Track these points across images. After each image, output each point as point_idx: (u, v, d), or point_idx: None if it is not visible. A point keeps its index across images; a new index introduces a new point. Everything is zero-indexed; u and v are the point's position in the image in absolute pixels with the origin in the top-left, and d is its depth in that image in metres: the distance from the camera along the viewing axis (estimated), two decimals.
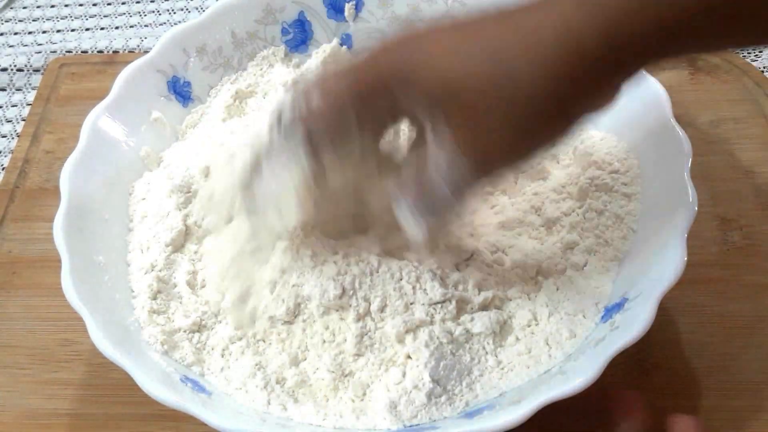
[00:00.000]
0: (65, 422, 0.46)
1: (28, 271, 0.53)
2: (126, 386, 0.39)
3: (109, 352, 0.39)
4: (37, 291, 0.51)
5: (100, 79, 0.64)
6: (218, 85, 0.56)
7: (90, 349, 0.41)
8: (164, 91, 0.54)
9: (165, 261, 0.46)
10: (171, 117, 0.53)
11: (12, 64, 0.68)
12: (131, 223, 0.49)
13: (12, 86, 0.67)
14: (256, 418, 0.40)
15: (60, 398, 0.47)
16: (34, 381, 0.48)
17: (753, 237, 0.51)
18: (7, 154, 0.61)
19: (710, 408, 0.44)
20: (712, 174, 0.53)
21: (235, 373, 0.42)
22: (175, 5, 0.74)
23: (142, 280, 0.45)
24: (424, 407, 0.40)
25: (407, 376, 0.40)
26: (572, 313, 0.43)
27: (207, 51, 0.55)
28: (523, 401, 0.38)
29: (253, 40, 0.57)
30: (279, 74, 0.56)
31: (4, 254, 0.54)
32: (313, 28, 0.58)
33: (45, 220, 0.53)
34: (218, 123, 0.53)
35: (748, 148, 0.55)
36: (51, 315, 0.50)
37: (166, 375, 0.40)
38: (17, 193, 0.57)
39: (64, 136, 0.60)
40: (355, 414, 0.40)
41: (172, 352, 0.43)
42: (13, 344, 0.49)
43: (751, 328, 0.47)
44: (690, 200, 0.42)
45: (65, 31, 0.72)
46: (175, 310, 0.45)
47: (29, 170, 0.59)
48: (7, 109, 0.65)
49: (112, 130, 0.50)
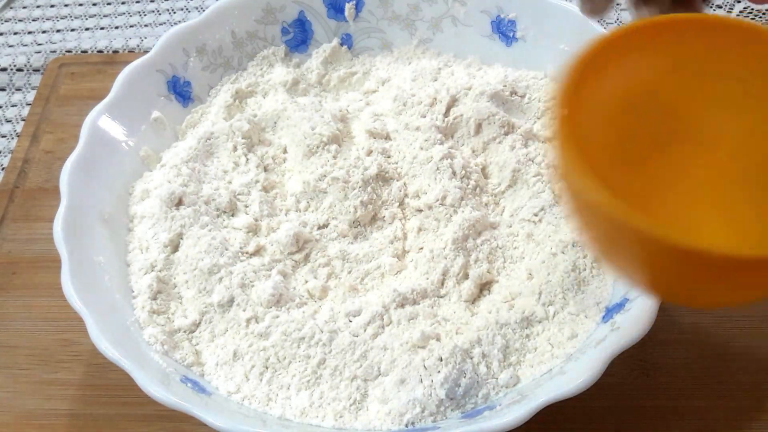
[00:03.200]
0: (65, 423, 0.46)
1: (28, 271, 0.53)
2: (126, 386, 0.39)
3: (109, 352, 0.39)
4: (37, 291, 0.51)
5: (100, 78, 0.64)
6: (218, 85, 0.56)
7: (90, 349, 0.41)
8: (164, 90, 0.54)
9: (165, 261, 0.46)
10: (171, 117, 0.53)
11: (12, 64, 0.68)
12: (131, 223, 0.49)
13: (12, 86, 0.67)
14: (256, 418, 0.40)
15: (59, 398, 0.47)
16: (34, 381, 0.47)
17: None
18: (7, 154, 0.61)
19: (709, 408, 0.44)
20: None
21: (236, 371, 0.42)
22: (174, 5, 0.73)
23: (142, 280, 0.45)
24: (431, 416, 0.40)
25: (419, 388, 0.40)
26: (574, 313, 0.43)
27: (207, 51, 0.55)
28: (523, 401, 0.38)
29: (253, 40, 0.57)
30: (279, 74, 0.56)
31: (4, 254, 0.54)
32: (313, 27, 0.58)
33: (45, 220, 0.53)
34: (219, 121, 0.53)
35: None
36: (51, 315, 0.50)
37: (166, 375, 0.40)
38: (17, 193, 0.57)
39: (63, 136, 0.60)
40: (355, 413, 0.40)
41: (172, 352, 0.43)
42: (12, 345, 0.49)
43: (751, 328, 0.47)
44: None
45: (65, 31, 0.72)
46: (175, 310, 0.45)
47: (29, 170, 0.59)
48: (7, 109, 0.65)
49: (112, 129, 0.50)
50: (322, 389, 0.41)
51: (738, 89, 0.33)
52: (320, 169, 0.49)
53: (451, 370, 0.40)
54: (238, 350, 0.42)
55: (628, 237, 0.29)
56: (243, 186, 0.50)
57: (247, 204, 0.49)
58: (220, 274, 0.45)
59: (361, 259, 0.46)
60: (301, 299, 0.45)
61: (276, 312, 0.43)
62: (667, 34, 0.33)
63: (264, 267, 0.46)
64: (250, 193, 0.49)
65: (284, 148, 0.52)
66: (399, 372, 0.41)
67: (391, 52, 0.58)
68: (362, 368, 0.41)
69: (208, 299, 0.44)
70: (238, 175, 0.50)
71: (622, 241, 0.30)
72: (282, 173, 0.51)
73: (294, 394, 0.41)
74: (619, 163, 0.32)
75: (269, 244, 0.47)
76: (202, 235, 0.46)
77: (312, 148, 0.50)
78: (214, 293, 0.44)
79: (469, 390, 0.40)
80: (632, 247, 0.30)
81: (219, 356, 0.43)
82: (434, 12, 0.57)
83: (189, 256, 0.46)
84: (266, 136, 0.53)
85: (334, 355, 0.41)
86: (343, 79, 0.57)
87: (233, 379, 0.42)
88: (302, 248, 0.47)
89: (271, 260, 0.46)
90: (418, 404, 0.40)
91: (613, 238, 0.31)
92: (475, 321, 0.43)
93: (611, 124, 0.32)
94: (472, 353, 0.41)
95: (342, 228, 0.48)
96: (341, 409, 0.40)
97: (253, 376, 0.42)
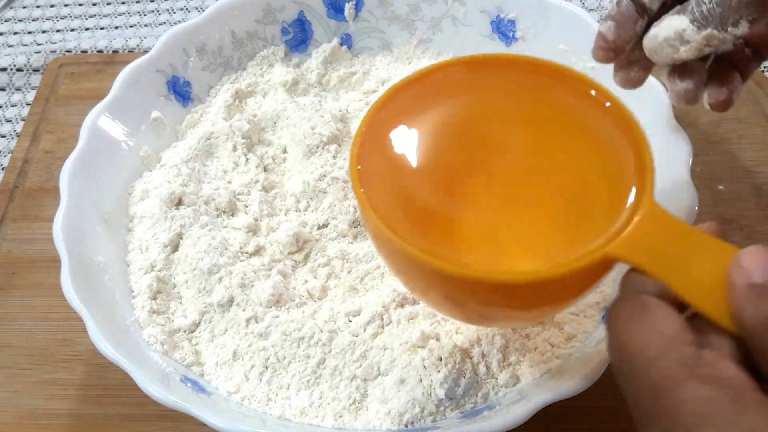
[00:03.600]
0: (65, 423, 0.46)
1: (28, 271, 0.53)
2: (126, 386, 0.39)
3: (109, 352, 0.39)
4: (37, 291, 0.51)
5: (100, 78, 0.64)
6: (218, 85, 0.56)
7: (90, 349, 0.41)
8: (164, 90, 0.54)
9: (164, 261, 0.46)
10: (171, 117, 0.53)
11: (11, 64, 0.68)
12: (131, 223, 0.49)
13: (11, 86, 0.67)
14: (256, 418, 0.40)
15: (59, 398, 0.47)
16: (34, 381, 0.47)
17: (754, 237, 0.51)
18: (7, 154, 0.61)
19: None
20: (713, 174, 0.53)
21: (235, 371, 0.42)
22: (174, 5, 0.73)
23: (142, 280, 0.45)
24: (431, 415, 0.40)
25: (418, 388, 0.40)
26: (573, 313, 0.43)
27: (207, 51, 0.55)
28: (523, 401, 0.38)
29: (253, 40, 0.57)
30: (279, 74, 0.56)
31: (4, 254, 0.54)
32: (312, 27, 0.58)
33: (45, 220, 0.53)
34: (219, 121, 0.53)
35: (749, 148, 0.55)
36: (51, 315, 0.50)
37: (166, 375, 0.40)
38: (17, 193, 0.57)
39: (63, 136, 0.60)
40: (355, 413, 0.40)
41: (172, 352, 0.43)
42: (12, 344, 0.49)
43: None
44: (691, 200, 0.42)
45: (65, 31, 0.72)
46: (175, 310, 0.45)
47: (29, 170, 0.59)
48: (7, 108, 0.65)
49: (111, 129, 0.50)
50: (321, 389, 0.41)
51: (519, 116, 0.35)
52: (320, 169, 0.49)
53: (451, 369, 0.40)
54: (238, 350, 0.42)
55: (415, 270, 0.32)
56: (243, 186, 0.50)
57: (246, 204, 0.49)
58: (219, 274, 0.45)
59: (361, 258, 0.46)
60: (301, 299, 0.45)
61: (276, 312, 0.43)
62: (454, 74, 0.37)
63: (264, 267, 0.46)
64: (249, 193, 0.49)
65: (284, 148, 0.52)
66: (398, 372, 0.41)
67: (391, 52, 0.58)
68: (362, 368, 0.41)
69: (208, 299, 0.44)
70: (237, 175, 0.50)
71: (411, 273, 0.33)
72: (282, 173, 0.51)
73: (294, 394, 0.41)
74: (416, 200, 0.33)
75: (269, 244, 0.47)
76: (201, 234, 0.46)
77: (312, 148, 0.50)
78: (213, 293, 0.44)
79: (469, 390, 0.40)
80: (421, 279, 0.33)
81: (219, 356, 0.43)
82: (434, 12, 0.57)
83: (189, 255, 0.46)
84: (266, 136, 0.53)
85: (334, 354, 0.41)
86: (343, 79, 0.57)
87: (233, 379, 0.42)
88: (302, 248, 0.47)
89: (270, 260, 0.46)
90: (417, 404, 0.40)
91: (406, 273, 0.34)
92: None
93: (403, 168, 0.34)
94: (472, 353, 0.41)
95: (342, 228, 0.48)
96: (341, 409, 0.40)
97: (253, 375, 0.42)
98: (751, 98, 0.57)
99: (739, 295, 0.26)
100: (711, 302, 0.27)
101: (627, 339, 0.27)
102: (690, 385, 0.25)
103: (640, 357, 0.26)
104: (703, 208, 0.42)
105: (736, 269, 0.27)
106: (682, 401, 0.24)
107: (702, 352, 0.26)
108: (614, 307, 0.29)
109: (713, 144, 0.55)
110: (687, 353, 0.26)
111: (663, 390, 0.25)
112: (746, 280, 0.26)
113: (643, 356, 0.26)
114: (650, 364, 0.26)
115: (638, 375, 0.26)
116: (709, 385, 0.24)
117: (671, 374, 0.25)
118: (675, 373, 0.25)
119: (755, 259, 0.26)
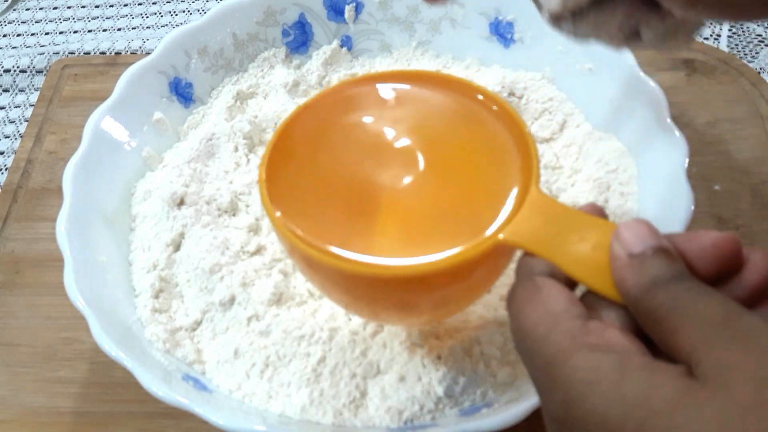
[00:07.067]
0: (67, 420, 0.46)
1: (31, 270, 0.53)
2: (128, 384, 0.39)
3: (112, 350, 0.39)
4: (40, 290, 0.52)
5: (103, 80, 0.64)
6: (219, 86, 0.56)
7: (92, 347, 0.41)
8: (166, 92, 0.54)
9: (166, 260, 0.46)
10: (173, 118, 0.54)
11: (15, 66, 0.68)
12: (133, 222, 0.49)
13: (15, 87, 0.67)
14: (257, 415, 0.40)
15: (62, 396, 0.47)
16: (37, 379, 0.48)
17: (750, 237, 0.51)
18: (11, 155, 0.62)
19: None
20: (709, 174, 0.54)
21: (237, 369, 0.42)
22: (176, 7, 0.74)
23: (144, 279, 0.46)
24: (429, 413, 0.40)
25: (417, 386, 0.40)
26: None
27: (208, 52, 0.56)
28: (522, 399, 0.38)
29: (254, 42, 0.57)
30: (280, 75, 0.56)
31: (8, 254, 0.54)
32: (313, 29, 0.58)
33: (48, 219, 0.54)
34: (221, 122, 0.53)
35: (745, 149, 0.55)
36: (53, 314, 0.50)
37: (168, 373, 0.41)
38: (20, 193, 0.58)
39: (66, 137, 0.60)
40: (354, 411, 0.41)
41: (174, 350, 0.43)
42: (15, 343, 0.50)
43: None
44: (687, 200, 0.42)
45: (68, 33, 0.72)
46: (177, 309, 0.45)
47: (32, 170, 0.59)
48: (10, 110, 0.66)
49: (114, 130, 0.50)
50: (322, 387, 0.41)
51: (420, 124, 0.37)
52: None
53: (450, 368, 0.40)
54: (239, 348, 0.43)
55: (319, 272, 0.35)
56: (244, 186, 0.50)
57: (248, 204, 0.49)
58: (221, 273, 0.45)
59: None
60: (302, 298, 0.45)
61: (276, 310, 0.44)
62: (359, 91, 0.39)
63: (265, 266, 0.46)
64: (251, 193, 0.50)
65: None
66: (398, 370, 0.41)
67: (391, 53, 0.59)
68: (362, 366, 0.41)
69: (210, 298, 0.45)
70: (239, 175, 0.51)
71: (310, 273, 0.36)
72: None
73: (294, 392, 0.41)
74: (327, 208, 0.35)
75: (270, 244, 0.47)
76: (203, 234, 0.47)
77: None
78: (215, 292, 0.45)
79: (468, 388, 0.41)
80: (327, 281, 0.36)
81: (220, 354, 0.43)
82: (433, 14, 0.57)
83: (191, 255, 0.46)
84: (267, 137, 0.53)
85: (334, 353, 0.42)
86: (343, 80, 0.57)
87: (234, 377, 0.42)
88: None
89: (271, 259, 0.47)
90: (416, 402, 0.40)
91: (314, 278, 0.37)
92: (474, 319, 0.43)
93: (312, 179, 0.36)
94: (471, 351, 0.42)
95: None
96: (341, 407, 0.41)
97: (254, 373, 0.42)
98: (746, 99, 0.58)
99: (620, 265, 0.27)
100: (596, 276, 0.28)
101: (522, 319, 0.28)
102: (578, 355, 0.25)
103: (533, 335, 0.27)
104: (699, 209, 0.43)
105: (616, 242, 0.28)
106: (572, 371, 0.25)
107: (589, 322, 0.27)
108: (511, 291, 0.30)
109: (709, 144, 0.55)
110: (575, 325, 0.26)
111: (556, 364, 0.26)
112: (626, 251, 0.27)
113: (536, 334, 0.27)
114: (543, 341, 0.27)
115: (534, 353, 0.27)
116: (595, 353, 0.25)
117: (562, 347, 0.26)
118: (565, 345, 0.26)
119: (634, 231, 0.28)
